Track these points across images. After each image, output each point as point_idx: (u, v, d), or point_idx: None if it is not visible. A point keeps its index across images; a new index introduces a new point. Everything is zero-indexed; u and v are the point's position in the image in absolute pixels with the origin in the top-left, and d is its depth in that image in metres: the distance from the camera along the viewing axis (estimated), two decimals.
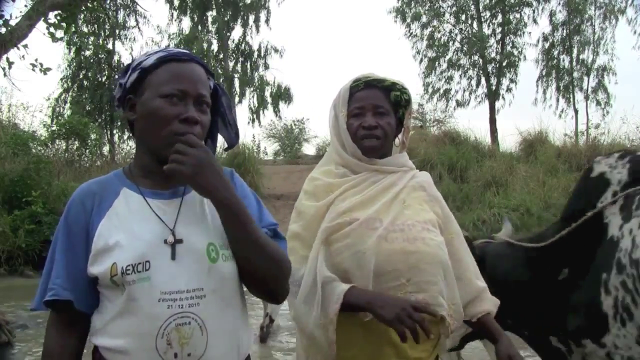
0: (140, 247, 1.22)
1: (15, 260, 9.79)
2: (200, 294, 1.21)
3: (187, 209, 1.29)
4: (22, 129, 14.18)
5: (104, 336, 1.24)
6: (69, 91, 20.20)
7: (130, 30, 21.28)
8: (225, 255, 1.26)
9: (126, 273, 1.19)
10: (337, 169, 1.78)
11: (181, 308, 1.19)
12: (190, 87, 1.28)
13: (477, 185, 12.58)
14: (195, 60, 1.35)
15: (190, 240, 1.24)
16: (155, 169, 1.31)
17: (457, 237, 1.78)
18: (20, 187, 10.50)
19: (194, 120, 1.26)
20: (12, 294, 7.94)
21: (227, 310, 1.26)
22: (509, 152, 15.22)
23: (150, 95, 1.28)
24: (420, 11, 22.41)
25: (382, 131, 1.72)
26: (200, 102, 1.29)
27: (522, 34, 21.87)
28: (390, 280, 1.58)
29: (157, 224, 1.25)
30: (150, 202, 1.28)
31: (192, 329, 1.19)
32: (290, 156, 20.74)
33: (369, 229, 1.63)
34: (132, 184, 1.32)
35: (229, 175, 1.37)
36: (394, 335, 1.52)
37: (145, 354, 1.19)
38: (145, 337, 1.18)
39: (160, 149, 1.27)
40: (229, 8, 22.44)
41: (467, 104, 22.43)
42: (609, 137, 14.73)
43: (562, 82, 22.04)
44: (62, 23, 7.33)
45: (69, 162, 13.89)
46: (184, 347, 1.19)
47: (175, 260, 1.22)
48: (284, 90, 22.72)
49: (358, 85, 1.77)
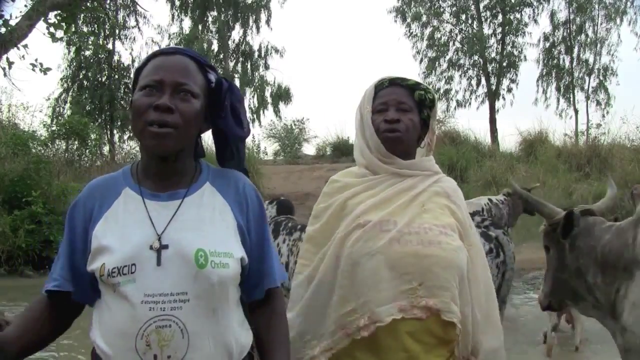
0: (128, 250, 1.23)
1: (15, 260, 9.77)
2: (184, 298, 1.21)
3: (184, 212, 1.29)
4: (22, 129, 14.14)
5: (95, 333, 1.27)
6: (69, 91, 20.15)
7: (130, 30, 21.25)
8: (215, 262, 1.25)
9: (111, 275, 1.21)
10: (358, 170, 1.77)
11: (163, 311, 1.20)
12: (166, 76, 1.27)
13: (477, 185, 12.59)
14: (182, 52, 1.34)
15: (178, 245, 1.24)
16: (153, 168, 1.31)
17: (475, 249, 1.72)
18: (20, 187, 10.48)
19: (164, 107, 1.24)
20: (12, 294, 7.93)
21: (214, 315, 1.25)
22: (509, 152, 15.23)
23: (135, 90, 1.30)
24: (420, 11, 22.40)
25: (404, 125, 1.71)
26: (179, 91, 1.27)
27: (522, 34, 21.88)
28: (402, 284, 1.56)
29: (148, 227, 1.26)
30: (147, 203, 1.29)
31: (173, 331, 1.20)
32: (290, 156, 20.70)
33: (381, 230, 1.60)
34: (134, 184, 1.32)
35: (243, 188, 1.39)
36: (408, 341, 1.51)
37: (125, 353, 1.20)
38: (125, 337, 1.20)
39: (139, 139, 1.28)
40: (229, 8, 22.42)
41: (467, 104, 22.43)
42: (608, 137, 14.74)
43: (562, 82, 22.03)
44: (62, 23, 7.34)
45: (69, 162, 13.87)
46: (164, 349, 1.19)
47: (160, 266, 1.22)
48: (284, 91, 22.68)
49: (382, 83, 1.78)
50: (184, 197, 1.30)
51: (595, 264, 2.36)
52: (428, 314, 1.55)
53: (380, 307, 1.54)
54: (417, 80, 1.79)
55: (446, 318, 1.56)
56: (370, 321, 1.54)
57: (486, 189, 12.16)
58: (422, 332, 1.56)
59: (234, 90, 1.39)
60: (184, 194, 1.31)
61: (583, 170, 13.33)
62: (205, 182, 1.36)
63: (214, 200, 1.33)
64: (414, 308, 1.54)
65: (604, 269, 2.33)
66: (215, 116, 1.36)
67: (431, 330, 1.57)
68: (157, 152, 1.28)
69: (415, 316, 1.55)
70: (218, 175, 1.39)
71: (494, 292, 1.77)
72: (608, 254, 2.32)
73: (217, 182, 1.37)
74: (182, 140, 1.29)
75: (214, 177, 1.38)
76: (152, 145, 1.27)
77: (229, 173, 1.41)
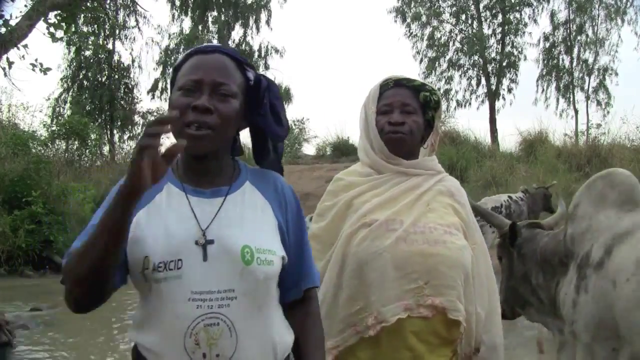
0: (174, 245, 1.21)
1: (15, 260, 9.77)
2: (231, 295, 1.20)
3: (228, 209, 1.28)
4: (22, 129, 14.15)
5: (139, 332, 1.25)
6: (69, 91, 20.17)
7: (130, 30, 21.27)
8: (261, 259, 1.24)
9: (157, 270, 1.19)
10: (362, 169, 1.78)
11: (210, 309, 1.18)
12: (205, 76, 1.26)
13: (477, 185, 12.58)
14: (220, 50, 1.32)
15: (224, 241, 1.23)
16: (193, 166, 1.31)
17: (479, 248, 1.73)
18: (20, 187, 10.48)
19: (203, 108, 1.23)
20: (12, 294, 7.94)
21: (260, 312, 1.24)
22: (509, 152, 15.21)
23: (173, 89, 1.30)
24: (420, 11, 22.40)
25: (408, 128, 1.71)
26: (218, 91, 1.26)
27: (522, 34, 21.88)
28: (408, 283, 1.57)
29: (193, 223, 1.24)
30: (190, 199, 1.28)
31: (221, 330, 1.18)
32: (290, 156, 20.69)
33: (387, 230, 1.61)
34: (176, 180, 1.31)
35: (282, 188, 1.38)
36: (412, 340, 1.52)
37: (174, 352, 1.18)
38: (173, 336, 1.18)
39: (177, 140, 1.26)
40: (229, 8, 22.44)
41: (467, 104, 22.43)
42: (608, 137, 14.73)
43: (562, 82, 22.04)
44: (62, 23, 7.32)
45: (69, 162, 13.87)
46: (212, 347, 1.18)
47: (207, 262, 1.21)
48: (284, 91, 22.70)
49: (388, 84, 1.77)
50: (227, 194, 1.30)
51: (537, 265, 2.55)
52: (434, 313, 1.57)
53: (386, 307, 1.56)
54: (423, 81, 1.79)
55: (452, 317, 1.58)
56: (377, 321, 1.55)
57: (486, 189, 12.16)
58: (427, 332, 1.57)
59: (273, 88, 1.37)
60: (226, 191, 1.30)
61: (583, 170, 13.32)
62: (246, 181, 1.35)
63: (255, 198, 1.33)
64: (420, 307, 1.56)
65: (544, 267, 2.53)
66: (254, 114, 1.35)
67: (436, 330, 1.58)
68: (194, 152, 1.28)
69: (421, 315, 1.56)
70: (257, 175, 1.39)
71: (496, 291, 1.79)
72: (545, 252, 2.53)
73: (257, 182, 1.36)
74: (220, 140, 1.28)
75: (253, 176, 1.38)
76: (189, 146, 1.25)
77: (267, 173, 1.41)
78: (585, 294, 2.22)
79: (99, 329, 6.25)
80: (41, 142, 13.72)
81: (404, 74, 1.80)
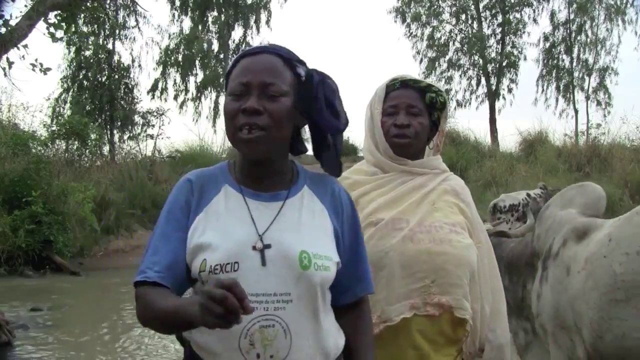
0: (231, 248, 1.22)
1: (15, 261, 9.75)
2: (287, 298, 1.21)
3: (286, 214, 1.28)
4: (22, 129, 14.13)
5: (195, 331, 1.25)
6: (69, 91, 20.14)
7: (130, 30, 21.24)
8: (318, 265, 1.24)
9: (214, 272, 1.20)
10: (368, 168, 1.78)
11: (266, 311, 1.19)
12: (252, 78, 1.26)
13: (477, 185, 12.59)
14: (267, 50, 1.32)
15: (282, 246, 1.23)
16: (250, 169, 1.32)
17: (484, 247, 1.74)
18: (20, 187, 10.46)
19: (252, 110, 1.23)
20: (12, 294, 7.93)
21: (314, 315, 1.25)
22: (509, 152, 15.25)
23: (225, 95, 1.31)
24: (420, 11, 22.41)
25: (414, 130, 1.71)
26: (267, 91, 1.26)
27: (522, 34, 21.90)
28: (415, 282, 1.58)
29: (250, 227, 1.25)
30: (249, 202, 1.28)
31: (276, 331, 1.20)
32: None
33: (394, 229, 1.62)
34: (234, 182, 1.32)
35: (338, 193, 1.38)
36: (418, 339, 1.53)
37: (228, 352, 1.20)
38: (229, 336, 1.18)
39: (233, 145, 1.28)
40: (229, 8, 22.44)
41: (467, 104, 22.45)
42: (608, 137, 14.75)
43: (562, 82, 22.05)
44: (62, 23, 7.32)
45: (69, 162, 13.84)
46: (267, 348, 1.19)
47: (265, 266, 1.22)
48: None
49: (394, 84, 1.77)
50: (286, 198, 1.31)
51: (504, 269, 2.62)
52: (441, 311, 1.58)
53: (391, 306, 1.57)
54: (429, 82, 1.79)
55: (459, 315, 1.59)
56: (380, 320, 1.56)
57: (486, 189, 12.18)
58: (433, 331, 1.58)
59: (327, 82, 1.35)
60: (285, 195, 1.31)
61: (583, 170, 13.34)
62: (304, 186, 1.36)
63: (313, 203, 1.34)
64: (427, 305, 1.57)
65: (510, 270, 2.69)
66: (310, 110, 1.34)
67: (442, 329, 1.59)
68: (250, 157, 1.29)
69: (427, 313, 1.57)
70: (314, 179, 1.39)
71: (502, 289, 1.79)
72: (512, 256, 2.72)
73: (314, 186, 1.37)
74: (274, 140, 1.28)
75: (311, 180, 1.38)
76: (245, 151, 1.27)
77: (324, 177, 1.41)
78: (546, 283, 2.35)
79: (100, 329, 6.26)
80: (41, 142, 13.70)
81: (410, 74, 1.80)
